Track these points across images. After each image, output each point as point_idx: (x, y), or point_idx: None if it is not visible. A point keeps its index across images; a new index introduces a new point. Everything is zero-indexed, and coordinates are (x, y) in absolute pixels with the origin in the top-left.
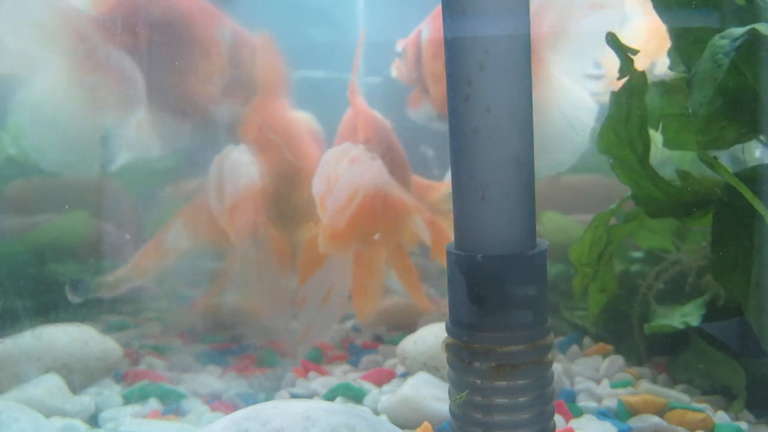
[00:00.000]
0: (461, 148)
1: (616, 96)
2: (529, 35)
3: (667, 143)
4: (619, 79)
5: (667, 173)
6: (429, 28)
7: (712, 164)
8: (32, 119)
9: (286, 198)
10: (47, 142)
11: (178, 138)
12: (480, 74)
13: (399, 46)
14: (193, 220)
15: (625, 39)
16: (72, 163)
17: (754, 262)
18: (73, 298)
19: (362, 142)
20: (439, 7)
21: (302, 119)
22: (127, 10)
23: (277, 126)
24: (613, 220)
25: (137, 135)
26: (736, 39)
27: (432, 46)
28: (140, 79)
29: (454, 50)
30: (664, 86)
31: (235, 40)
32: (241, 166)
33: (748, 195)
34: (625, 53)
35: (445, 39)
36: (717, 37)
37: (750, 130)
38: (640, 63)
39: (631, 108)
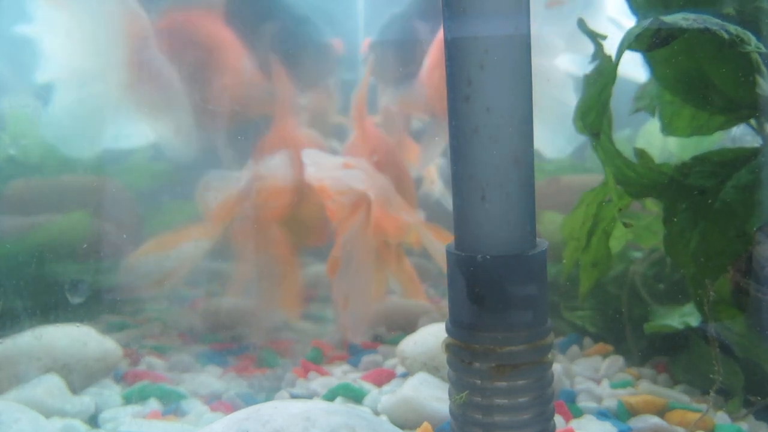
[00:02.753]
0: (461, 148)
1: (587, 78)
2: (529, 35)
3: (663, 129)
4: (591, 62)
5: None
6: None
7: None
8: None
9: (295, 209)
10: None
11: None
12: (480, 74)
13: None
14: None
15: None
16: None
17: (693, 236)
18: (73, 298)
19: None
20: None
21: (310, 136)
22: (175, 32)
23: (288, 143)
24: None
25: (177, 141)
26: (641, 27)
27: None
28: (183, 92)
29: (454, 50)
30: None
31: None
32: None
33: (599, 151)
34: (595, 39)
35: (445, 39)
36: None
37: (730, 119)
38: None
39: (598, 89)
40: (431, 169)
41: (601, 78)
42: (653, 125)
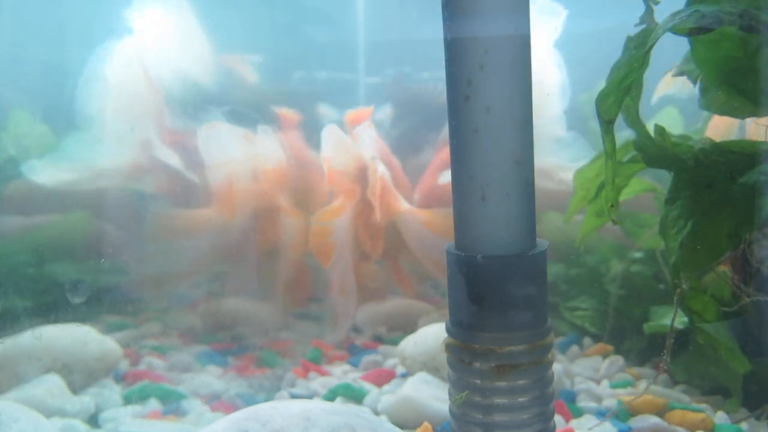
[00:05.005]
0: (461, 148)
1: (629, 41)
2: (529, 35)
3: (700, 101)
4: (637, 25)
5: None
6: None
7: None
8: None
9: (303, 213)
10: None
11: None
12: (480, 74)
13: None
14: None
15: None
16: None
17: (687, 225)
18: (73, 298)
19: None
20: None
21: (312, 155)
22: None
23: (295, 149)
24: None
25: None
26: (682, 15)
27: None
28: None
29: (454, 50)
30: None
31: None
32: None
33: (607, 142)
34: (647, 1)
35: (445, 39)
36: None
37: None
38: None
39: (637, 55)
40: None
41: (627, 64)
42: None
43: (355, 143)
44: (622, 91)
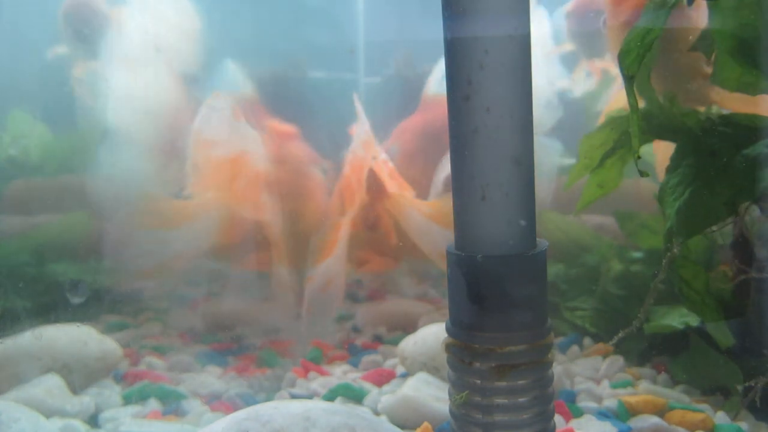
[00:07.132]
0: (461, 148)
1: (648, 8)
2: (529, 35)
3: (712, 77)
4: None
5: None
6: None
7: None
8: None
9: (295, 229)
10: None
11: None
12: (480, 74)
13: None
14: None
15: None
16: None
17: (686, 191)
18: (73, 298)
19: None
20: None
21: (311, 169)
22: None
23: (291, 160)
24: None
25: None
26: None
27: None
28: None
29: (454, 50)
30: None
31: None
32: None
33: (630, 96)
34: None
35: (445, 39)
36: None
37: None
38: None
39: (643, 32)
40: None
41: (650, 21)
42: None
43: (354, 151)
44: (644, 47)
